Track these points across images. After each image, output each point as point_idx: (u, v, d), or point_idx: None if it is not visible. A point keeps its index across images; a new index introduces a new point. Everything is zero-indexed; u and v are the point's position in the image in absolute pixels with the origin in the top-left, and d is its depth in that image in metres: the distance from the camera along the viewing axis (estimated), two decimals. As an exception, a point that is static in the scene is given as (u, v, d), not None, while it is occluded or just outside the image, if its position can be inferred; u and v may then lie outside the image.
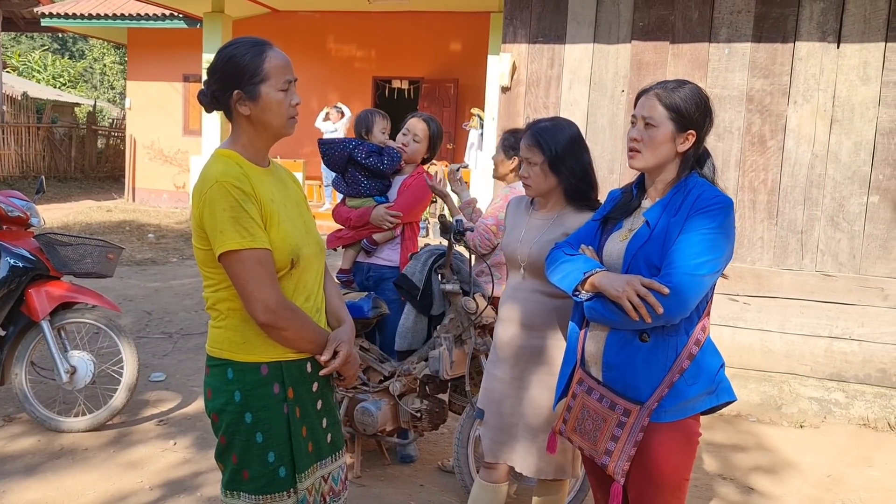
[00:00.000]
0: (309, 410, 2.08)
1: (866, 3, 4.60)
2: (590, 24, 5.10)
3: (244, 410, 1.98)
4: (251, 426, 1.98)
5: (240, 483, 2.02)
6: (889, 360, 4.69)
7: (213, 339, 2.03)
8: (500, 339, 2.72)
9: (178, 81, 15.26)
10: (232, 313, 1.99)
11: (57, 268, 4.07)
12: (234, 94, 1.96)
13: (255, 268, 1.90)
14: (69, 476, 3.64)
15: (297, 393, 2.04)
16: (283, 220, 1.99)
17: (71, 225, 11.34)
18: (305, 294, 2.07)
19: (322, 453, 2.12)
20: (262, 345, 1.99)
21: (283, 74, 1.97)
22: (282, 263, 1.97)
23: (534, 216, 2.71)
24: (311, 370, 2.08)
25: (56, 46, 34.47)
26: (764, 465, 4.14)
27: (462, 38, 13.98)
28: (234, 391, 1.99)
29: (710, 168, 2.15)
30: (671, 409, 2.04)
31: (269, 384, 1.99)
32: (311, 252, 2.07)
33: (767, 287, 4.86)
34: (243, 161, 1.99)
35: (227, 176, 1.91)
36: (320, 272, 2.15)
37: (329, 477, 2.16)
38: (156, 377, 5.08)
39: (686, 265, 1.96)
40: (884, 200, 4.66)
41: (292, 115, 2.02)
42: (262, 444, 1.99)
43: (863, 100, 4.66)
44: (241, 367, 1.99)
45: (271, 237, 1.95)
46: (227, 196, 1.89)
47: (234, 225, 1.88)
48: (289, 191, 2.12)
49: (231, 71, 1.95)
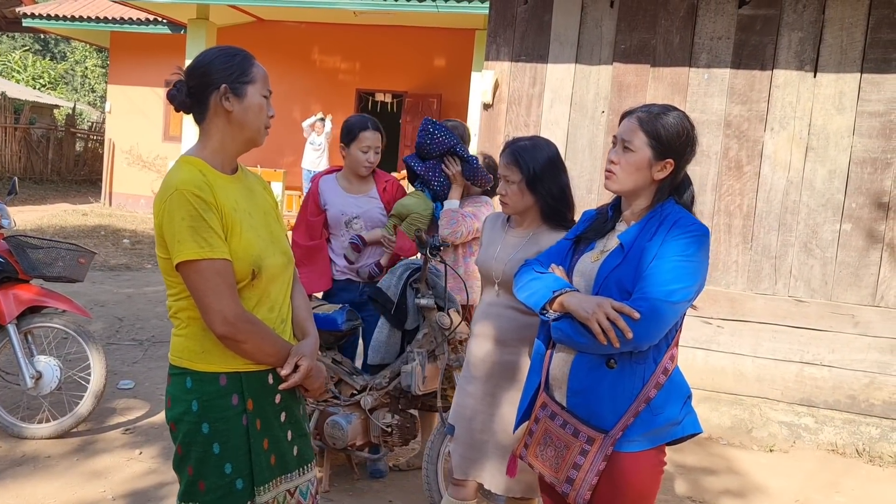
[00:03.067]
0: (272, 423, 2.04)
1: (843, 35, 4.68)
2: (572, 44, 5.15)
3: (201, 421, 1.95)
4: (208, 437, 1.96)
5: (195, 494, 1.99)
6: (858, 386, 4.74)
7: (174, 348, 2.01)
8: (474, 355, 2.71)
9: (159, 87, 15.14)
10: (192, 322, 1.97)
11: (26, 271, 4.00)
12: (221, 87, 1.95)
13: (214, 278, 1.87)
14: (29, 484, 3.56)
15: (258, 405, 2.01)
16: (246, 230, 1.97)
17: (45, 228, 11.19)
18: (269, 304, 2.04)
19: (287, 467, 2.08)
20: (222, 355, 1.96)
21: (265, 84, 2.02)
22: (242, 274, 1.94)
23: (510, 233, 2.71)
24: (272, 382, 2.04)
25: (38, 47, 34.19)
26: (733, 489, 4.15)
27: (447, 53, 14.05)
28: (192, 401, 1.96)
29: (689, 197, 2.11)
30: (636, 438, 2.00)
31: (228, 395, 1.97)
32: (277, 262, 2.04)
33: (741, 311, 4.90)
34: (207, 168, 1.96)
35: (188, 184, 1.88)
36: (286, 282, 2.12)
37: (296, 491, 2.11)
38: (124, 384, 5.00)
39: (658, 291, 1.92)
40: (856, 228, 4.73)
41: (268, 125, 2.04)
42: (219, 456, 1.96)
43: (838, 129, 4.73)
44: (200, 377, 1.96)
45: (232, 247, 1.92)
46: (187, 205, 1.86)
47: (193, 234, 1.86)
48: (256, 199, 2.09)
49: (221, 66, 1.97)
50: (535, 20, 5.20)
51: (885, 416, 4.70)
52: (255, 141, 2.04)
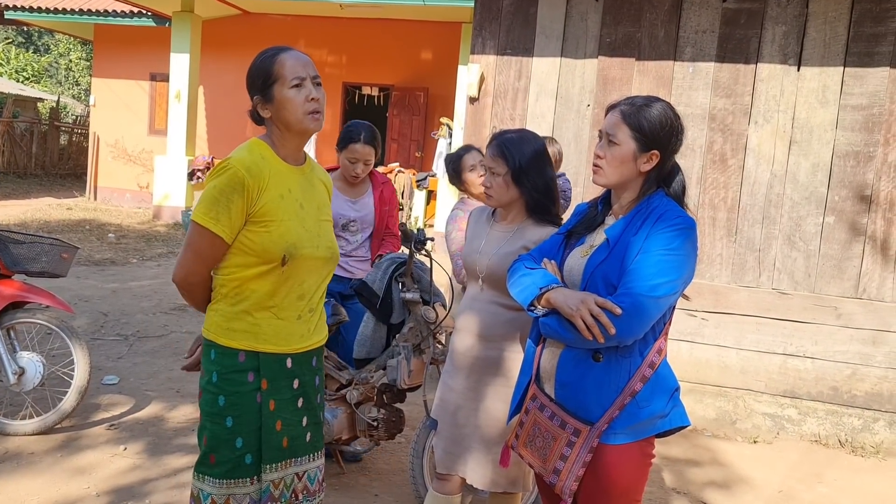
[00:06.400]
0: (287, 406, 2.16)
1: (826, 29, 4.71)
2: (558, 38, 5.15)
3: (219, 392, 2.11)
4: (223, 409, 2.10)
5: (207, 467, 2.13)
6: (841, 378, 4.78)
7: (206, 321, 2.17)
8: (457, 349, 2.71)
9: (144, 80, 15.05)
10: (224, 299, 2.13)
11: (8, 266, 3.97)
12: (254, 99, 2.13)
13: (199, 243, 2.07)
14: (12, 481, 3.53)
15: (273, 386, 2.14)
16: (290, 218, 2.10)
17: (29, 222, 11.09)
18: (299, 293, 2.16)
19: (298, 451, 2.20)
20: (244, 333, 2.11)
21: (293, 72, 2.09)
22: (273, 256, 2.07)
23: (494, 227, 2.71)
24: (290, 366, 2.16)
25: (21, 40, 33.79)
26: (718, 480, 4.19)
27: (433, 47, 14.01)
28: (213, 371, 2.12)
29: (678, 185, 2.11)
30: (622, 431, 2.01)
31: (245, 371, 2.11)
32: (317, 255, 2.16)
33: (725, 303, 4.93)
34: (270, 153, 2.13)
35: (241, 162, 2.05)
36: (324, 277, 2.24)
37: (304, 475, 2.24)
38: (109, 380, 4.97)
39: (642, 286, 1.92)
40: (839, 221, 4.76)
41: (310, 109, 2.10)
42: (231, 429, 2.09)
43: (821, 122, 4.76)
44: (222, 351, 2.12)
45: (270, 230, 2.06)
46: (226, 179, 2.03)
47: (212, 204, 2.03)
48: (315, 193, 2.23)
49: (249, 82, 2.14)
50: (520, 13, 5.19)
51: (868, 406, 4.75)
52: (302, 130, 2.13)
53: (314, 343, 2.24)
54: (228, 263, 2.11)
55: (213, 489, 2.12)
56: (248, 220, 2.06)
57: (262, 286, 2.10)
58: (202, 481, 2.13)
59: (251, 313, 2.10)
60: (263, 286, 2.10)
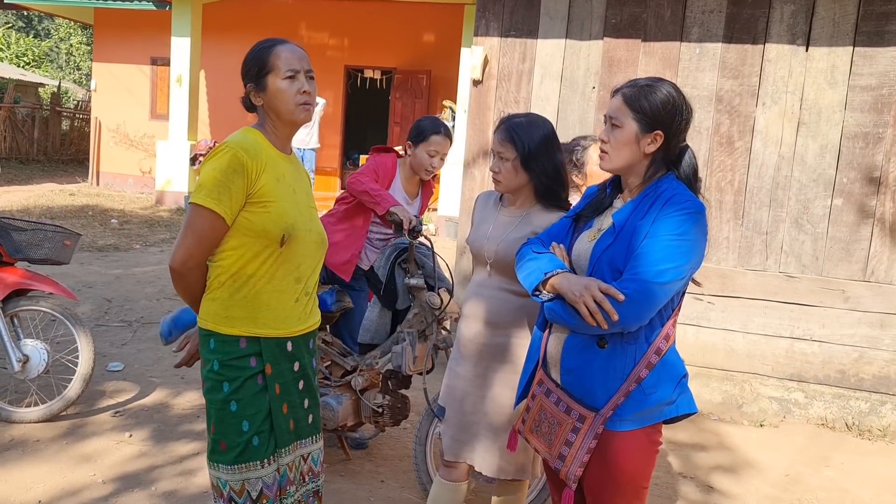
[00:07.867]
0: (290, 389, 2.21)
1: (835, 8, 4.63)
2: (562, 19, 5.08)
3: (222, 380, 2.13)
4: (228, 395, 2.13)
5: (219, 455, 2.16)
6: (848, 361, 4.76)
7: (203, 311, 2.18)
8: (464, 335, 2.68)
9: (145, 64, 14.96)
10: (221, 287, 2.14)
11: (10, 253, 3.95)
12: (247, 87, 2.19)
13: (200, 225, 2.08)
14: (18, 468, 3.53)
15: (277, 370, 2.17)
16: (286, 200, 2.15)
17: (31, 208, 11.07)
18: (297, 275, 2.20)
19: (302, 433, 2.27)
20: (244, 320, 2.13)
21: (288, 65, 2.14)
22: (273, 237, 2.11)
23: (502, 213, 2.67)
24: (291, 349, 2.20)
25: (21, 24, 33.65)
26: (724, 465, 4.17)
27: (436, 29, 13.90)
28: (214, 360, 2.14)
29: (688, 166, 2.07)
30: (628, 417, 1.99)
31: (247, 357, 2.14)
32: (310, 238, 2.22)
33: (731, 287, 4.90)
34: (264, 140, 2.18)
35: (239, 144, 2.09)
36: (317, 261, 2.29)
37: (308, 457, 2.30)
38: (113, 367, 4.97)
39: (647, 272, 1.89)
40: (847, 203, 4.72)
41: (301, 101, 2.16)
42: (236, 413, 2.13)
43: (830, 103, 4.70)
44: (222, 339, 2.14)
45: (269, 210, 2.10)
46: (227, 160, 2.06)
47: (213, 185, 2.05)
48: (302, 181, 2.31)
49: (245, 69, 2.20)
50: (524, -6, 5.13)
51: (875, 390, 4.73)
52: (292, 120, 2.19)
53: (311, 325, 2.30)
54: (226, 247, 2.13)
55: (228, 476, 2.15)
56: (247, 201, 2.10)
57: (260, 269, 2.14)
58: (217, 469, 2.17)
59: (250, 298, 2.14)
60: (262, 269, 2.14)
